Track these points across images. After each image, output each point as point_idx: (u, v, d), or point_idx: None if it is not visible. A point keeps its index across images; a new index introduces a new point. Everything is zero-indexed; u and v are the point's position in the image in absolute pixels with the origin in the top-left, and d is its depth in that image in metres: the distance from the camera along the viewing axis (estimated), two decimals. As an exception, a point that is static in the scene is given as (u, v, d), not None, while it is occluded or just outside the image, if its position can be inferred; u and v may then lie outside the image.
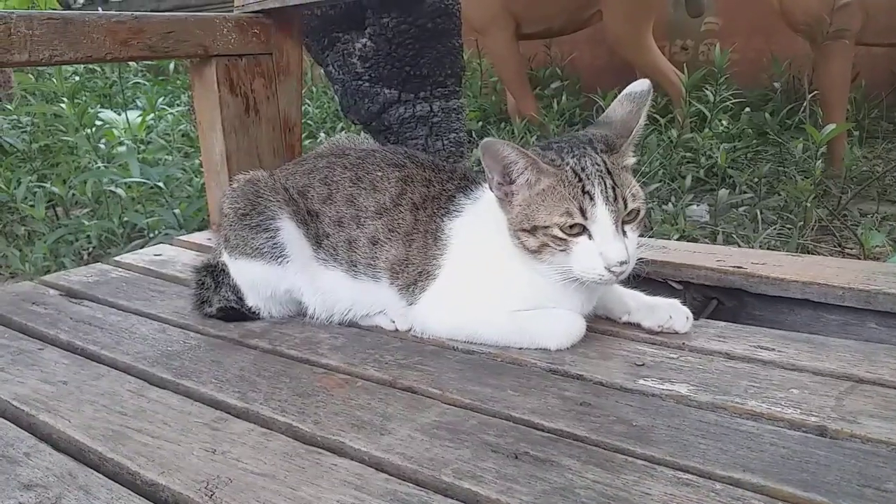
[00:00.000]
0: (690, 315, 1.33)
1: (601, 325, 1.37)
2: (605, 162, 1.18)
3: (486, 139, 1.17)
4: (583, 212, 1.16)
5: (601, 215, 1.15)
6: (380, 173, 1.40)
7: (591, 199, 1.15)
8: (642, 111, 1.23)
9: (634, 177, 1.23)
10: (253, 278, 1.43)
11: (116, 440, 1.04)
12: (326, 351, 1.33)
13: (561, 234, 1.17)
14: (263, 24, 2.10)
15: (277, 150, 2.17)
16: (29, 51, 1.64)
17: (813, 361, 1.18)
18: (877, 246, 2.50)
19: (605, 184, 1.16)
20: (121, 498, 0.91)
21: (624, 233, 1.18)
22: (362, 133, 2.39)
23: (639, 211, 1.20)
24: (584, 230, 1.17)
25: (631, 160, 1.24)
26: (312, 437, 1.04)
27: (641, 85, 1.26)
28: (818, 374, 1.15)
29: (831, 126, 2.72)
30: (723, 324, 1.37)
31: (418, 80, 2.21)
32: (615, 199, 1.16)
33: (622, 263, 1.15)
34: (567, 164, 1.19)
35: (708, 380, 1.14)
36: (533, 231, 1.20)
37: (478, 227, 1.33)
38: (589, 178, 1.16)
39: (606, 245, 1.15)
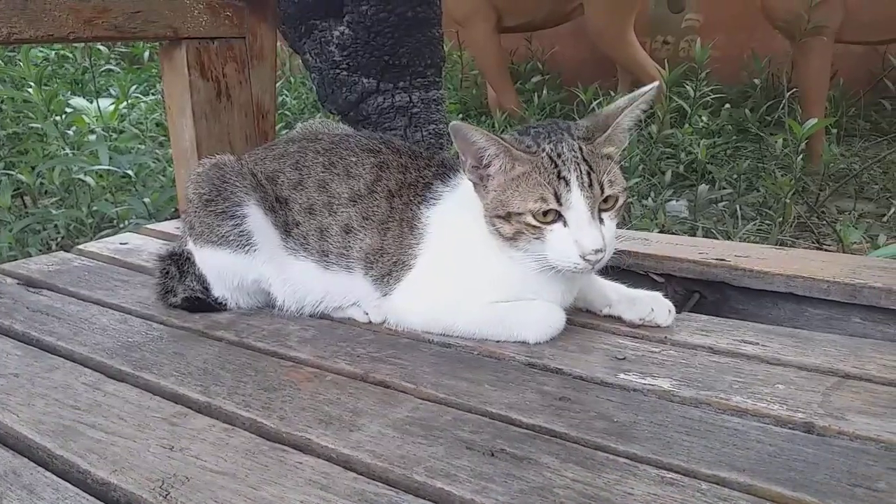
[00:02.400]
0: (673, 308, 1.29)
1: (581, 317, 1.33)
2: (581, 148, 1.14)
3: (454, 122, 1.12)
4: (557, 197, 1.11)
5: (576, 201, 1.11)
6: (354, 159, 1.35)
7: (567, 184, 1.11)
8: (628, 109, 1.16)
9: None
10: (219, 267, 1.37)
11: (67, 436, 0.98)
12: (295, 343, 1.27)
13: (534, 222, 1.13)
14: (236, 6, 2.03)
15: (250, 137, 2.10)
16: (-15, 27, 1.56)
17: (798, 356, 1.15)
18: (854, 242, 2.50)
19: (580, 169, 1.12)
20: (67, 498, 0.85)
21: (601, 220, 1.14)
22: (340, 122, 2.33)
23: (617, 198, 1.15)
24: (558, 217, 1.13)
25: (610, 149, 1.18)
26: (277, 434, 0.98)
27: (649, 85, 1.19)
28: (804, 369, 1.11)
29: (812, 121, 2.71)
30: (705, 317, 1.33)
31: (397, 69, 2.15)
32: (591, 184, 1.12)
33: (597, 251, 1.11)
34: (543, 150, 1.14)
35: (691, 374, 1.10)
36: (507, 217, 1.16)
37: (456, 215, 1.28)
38: (565, 164, 1.12)
39: (581, 232, 1.11)
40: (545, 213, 1.13)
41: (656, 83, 1.20)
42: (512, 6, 4.42)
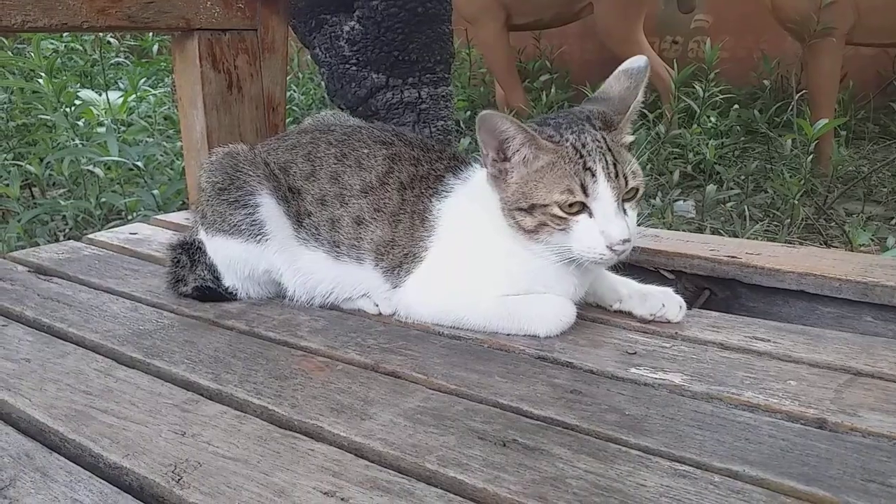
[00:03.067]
0: (684, 304, 1.29)
1: (591, 312, 1.33)
2: (604, 139, 1.15)
3: (484, 111, 1.12)
4: (584, 189, 1.12)
5: (603, 192, 1.11)
6: (366, 150, 1.35)
7: (594, 175, 1.12)
8: (640, 87, 1.20)
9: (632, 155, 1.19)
10: (230, 257, 1.37)
11: (79, 420, 0.98)
12: (306, 333, 1.27)
13: (561, 213, 1.13)
14: (249, -2, 2.03)
15: (260, 130, 2.10)
16: None
17: (810, 353, 1.15)
18: (863, 245, 2.49)
19: (606, 160, 1.12)
20: (80, 481, 0.85)
21: (624, 211, 1.14)
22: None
23: (638, 189, 1.16)
24: (583, 208, 1.13)
25: (629, 138, 1.20)
26: (289, 421, 0.98)
27: (638, 61, 1.23)
28: (815, 366, 1.11)
29: (823, 121, 2.70)
30: (716, 314, 1.33)
31: (407, 65, 2.16)
32: (616, 175, 1.12)
33: (624, 242, 1.11)
34: (567, 140, 1.15)
35: (702, 370, 1.10)
36: (530, 210, 1.15)
37: (467, 208, 1.28)
38: (590, 155, 1.12)
39: (608, 223, 1.11)
40: (570, 205, 1.13)
41: (643, 56, 1.23)
42: (521, 5, 4.41)
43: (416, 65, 2.16)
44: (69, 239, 2.81)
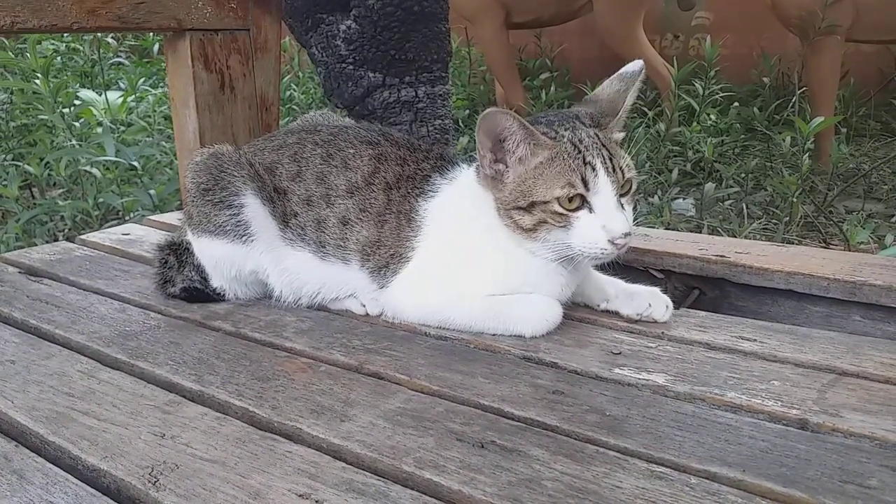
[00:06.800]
0: (671, 303, 1.28)
1: (578, 312, 1.32)
2: (597, 135, 1.16)
3: (489, 109, 1.12)
4: (585, 183, 1.12)
5: (603, 186, 1.12)
6: (352, 150, 1.34)
7: (594, 169, 1.12)
8: (630, 91, 1.20)
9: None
10: (216, 257, 1.37)
11: (60, 422, 0.98)
12: (291, 334, 1.27)
13: (561, 210, 1.13)
14: (241, -2, 2.03)
15: (253, 130, 2.10)
16: (-11, 16, 1.57)
17: (795, 353, 1.14)
18: (861, 242, 2.47)
19: (603, 155, 1.13)
20: (56, 483, 0.85)
21: (621, 206, 1.14)
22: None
23: (632, 182, 1.17)
24: (583, 204, 1.13)
25: (619, 135, 1.21)
26: (269, 423, 0.98)
27: (634, 66, 1.23)
28: (800, 366, 1.10)
29: (819, 118, 2.69)
30: (704, 313, 1.32)
31: (403, 64, 2.15)
32: (614, 169, 1.13)
33: (626, 235, 1.12)
34: (563, 136, 1.15)
35: (687, 370, 1.10)
36: (529, 208, 1.15)
37: (454, 208, 1.28)
38: (588, 150, 1.13)
39: (609, 217, 1.12)
40: (570, 200, 1.13)
41: (639, 62, 1.23)
42: (520, 3, 4.40)
43: (412, 64, 2.15)
44: (67, 239, 2.82)
